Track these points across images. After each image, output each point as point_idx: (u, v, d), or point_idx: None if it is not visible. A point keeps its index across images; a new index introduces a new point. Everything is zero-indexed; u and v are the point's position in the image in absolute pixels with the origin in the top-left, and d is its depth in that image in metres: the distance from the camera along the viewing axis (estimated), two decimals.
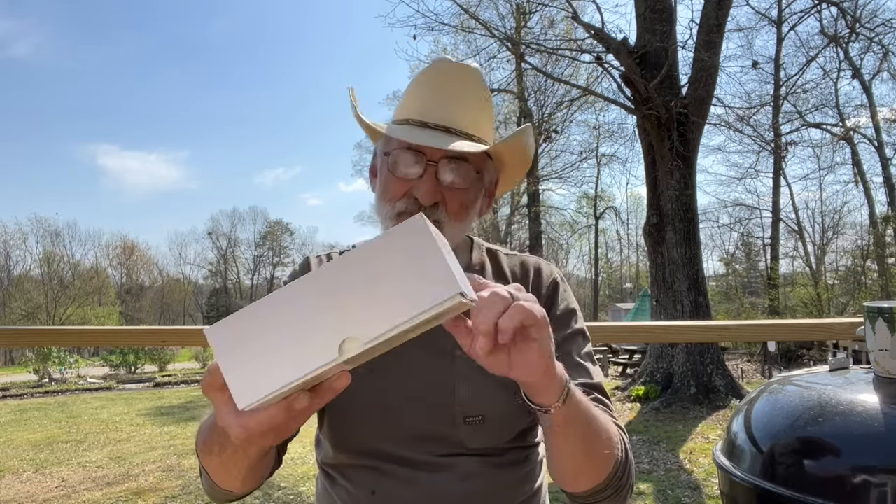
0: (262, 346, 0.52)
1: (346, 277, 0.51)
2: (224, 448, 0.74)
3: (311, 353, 0.51)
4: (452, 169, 0.92)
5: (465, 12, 12.37)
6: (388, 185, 0.94)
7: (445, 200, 0.92)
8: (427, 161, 0.91)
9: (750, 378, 13.41)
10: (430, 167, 0.91)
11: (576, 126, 23.64)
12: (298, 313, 0.51)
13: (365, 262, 0.52)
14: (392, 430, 0.93)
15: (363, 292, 0.51)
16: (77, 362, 19.69)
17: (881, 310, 0.97)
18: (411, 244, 0.52)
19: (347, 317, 0.51)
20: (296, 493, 5.82)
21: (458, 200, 0.93)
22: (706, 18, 10.37)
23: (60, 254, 40.73)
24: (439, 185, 0.92)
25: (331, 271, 0.52)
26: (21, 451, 8.53)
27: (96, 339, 2.15)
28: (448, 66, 0.95)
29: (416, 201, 0.91)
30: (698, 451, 7.11)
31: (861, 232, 23.97)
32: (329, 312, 0.51)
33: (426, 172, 0.91)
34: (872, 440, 0.84)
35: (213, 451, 0.77)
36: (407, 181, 0.92)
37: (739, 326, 2.02)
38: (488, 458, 0.94)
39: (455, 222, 0.94)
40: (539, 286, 1.02)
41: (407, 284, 0.50)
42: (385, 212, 0.95)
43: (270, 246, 50.25)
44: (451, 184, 0.92)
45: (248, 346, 0.52)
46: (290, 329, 0.51)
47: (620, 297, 38.55)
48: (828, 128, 22.13)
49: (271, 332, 0.52)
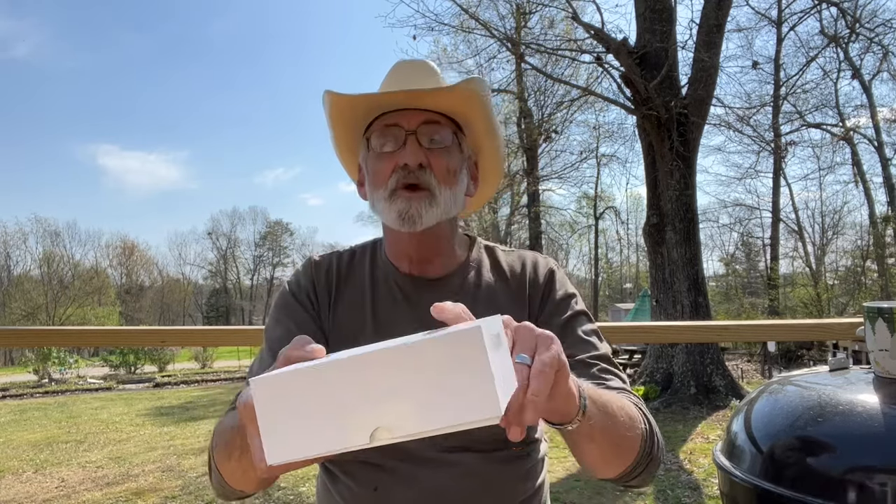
0: (300, 414, 0.53)
1: (393, 368, 0.52)
2: (245, 453, 0.75)
3: (344, 433, 0.53)
4: (431, 131, 0.96)
5: (465, 12, 12.37)
6: (376, 169, 0.97)
7: (431, 163, 0.95)
8: (406, 132, 0.95)
9: (750, 378, 13.41)
10: (410, 136, 0.95)
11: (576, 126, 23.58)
12: (339, 391, 0.53)
13: (415, 358, 0.52)
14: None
15: (408, 387, 0.52)
16: (77, 362, 19.70)
17: (881, 310, 0.97)
18: (463, 353, 0.51)
19: (386, 407, 0.52)
20: (296, 494, 5.82)
21: (444, 163, 0.96)
22: (706, 18, 10.37)
23: (60, 254, 40.77)
24: (422, 148, 0.95)
25: (382, 358, 0.53)
26: (21, 451, 8.53)
27: (96, 339, 2.15)
28: (404, 63, 1.03)
29: (405, 167, 0.94)
30: (698, 451, 7.11)
31: (861, 232, 24.03)
32: (369, 398, 0.52)
33: (407, 140, 0.95)
34: (872, 440, 0.84)
35: (233, 456, 0.78)
36: (392, 156, 0.95)
37: (739, 326, 2.02)
38: (490, 454, 0.94)
39: (445, 188, 0.96)
40: (536, 278, 1.04)
41: (451, 393, 0.51)
42: (380, 196, 0.97)
43: (270, 246, 50.27)
44: (433, 144, 0.96)
45: (287, 410, 0.54)
46: (328, 404, 0.53)
47: (620, 297, 38.57)
48: (828, 128, 22.13)
49: (311, 402, 0.53)
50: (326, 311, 1.02)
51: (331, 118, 1.02)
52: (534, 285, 1.04)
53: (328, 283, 1.04)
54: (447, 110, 0.99)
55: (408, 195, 0.94)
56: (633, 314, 20.98)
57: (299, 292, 1.03)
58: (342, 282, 1.05)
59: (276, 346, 0.95)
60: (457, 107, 0.99)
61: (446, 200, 0.96)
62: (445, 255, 1.03)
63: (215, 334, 1.93)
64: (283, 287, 1.07)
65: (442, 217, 0.97)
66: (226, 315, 47.00)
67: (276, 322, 1.01)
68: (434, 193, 0.94)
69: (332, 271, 1.05)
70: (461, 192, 1.00)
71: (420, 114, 0.96)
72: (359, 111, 0.99)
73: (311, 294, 1.02)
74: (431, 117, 0.97)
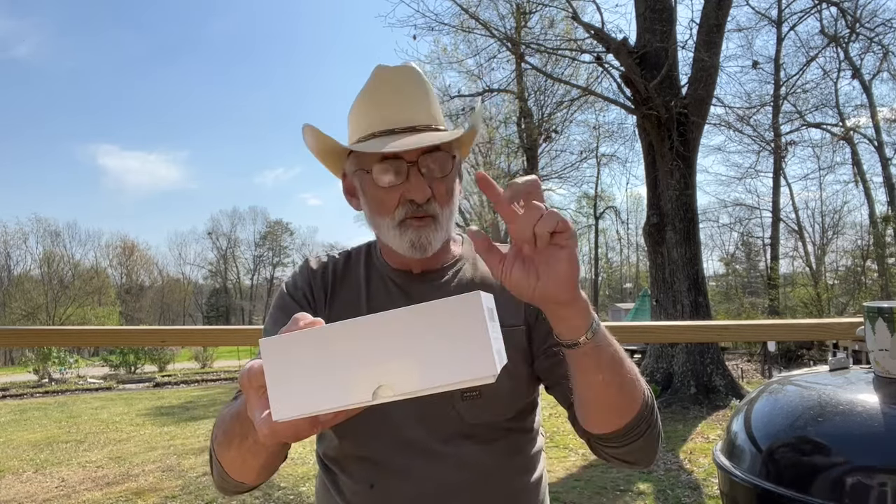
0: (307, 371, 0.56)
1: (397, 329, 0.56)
2: (245, 439, 0.77)
3: (348, 389, 0.56)
4: (432, 162, 0.96)
5: (465, 12, 12.36)
6: (379, 199, 0.97)
7: (434, 193, 0.96)
8: (407, 163, 0.94)
9: (750, 378, 13.41)
10: (412, 168, 0.94)
11: (576, 126, 23.57)
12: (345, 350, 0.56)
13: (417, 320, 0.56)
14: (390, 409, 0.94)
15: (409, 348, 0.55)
16: (77, 362, 19.70)
17: (881, 310, 0.97)
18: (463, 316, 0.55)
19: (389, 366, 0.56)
20: (296, 494, 5.82)
21: (444, 188, 0.98)
22: (706, 18, 10.36)
23: (60, 254, 40.77)
24: (425, 180, 0.95)
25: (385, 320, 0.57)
26: (21, 451, 8.53)
27: (96, 339, 2.15)
28: (390, 72, 0.99)
29: (412, 203, 0.95)
30: (698, 451, 7.11)
31: (861, 232, 24.01)
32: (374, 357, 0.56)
33: (410, 174, 0.94)
34: (872, 440, 0.84)
35: (233, 443, 0.79)
36: (396, 188, 0.95)
37: (739, 326, 2.02)
38: (486, 445, 0.95)
39: (445, 209, 0.98)
40: None
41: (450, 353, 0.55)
42: (386, 225, 0.97)
43: (270, 246, 50.27)
44: (433, 174, 0.96)
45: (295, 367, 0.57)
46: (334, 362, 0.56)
47: (620, 297, 38.57)
48: (828, 128, 22.13)
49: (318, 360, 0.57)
50: (323, 310, 1.03)
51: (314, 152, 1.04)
52: None
53: (324, 284, 1.06)
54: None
55: (417, 224, 0.96)
56: (633, 314, 20.98)
57: (296, 292, 1.05)
58: (338, 282, 1.07)
59: None
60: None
61: (447, 220, 0.99)
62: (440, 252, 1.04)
63: (215, 334, 1.93)
64: (281, 288, 1.09)
65: (445, 237, 1.00)
66: (226, 315, 47.01)
67: (273, 322, 1.02)
68: (438, 219, 0.97)
69: (328, 272, 1.07)
70: (456, 204, 1.03)
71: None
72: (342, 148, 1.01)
73: (308, 294, 1.05)
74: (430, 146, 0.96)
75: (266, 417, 0.61)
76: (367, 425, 0.95)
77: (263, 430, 0.61)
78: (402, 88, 0.98)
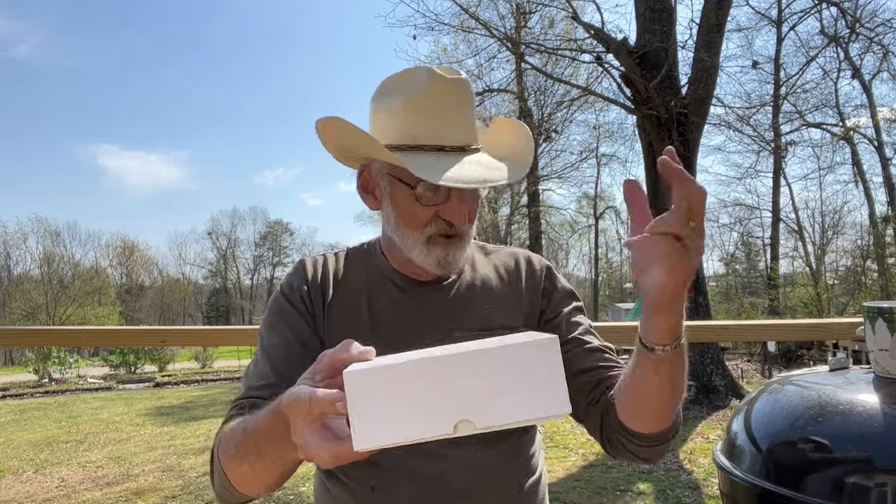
0: (390, 403, 0.59)
1: (480, 368, 0.59)
2: (262, 457, 0.76)
3: (430, 422, 0.59)
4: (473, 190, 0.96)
5: (465, 12, 12.35)
6: (412, 213, 0.94)
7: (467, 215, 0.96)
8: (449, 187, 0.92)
9: (750, 378, 13.41)
10: (454, 190, 0.92)
11: (576, 126, 23.60)
12: (428, 385, 0.59)
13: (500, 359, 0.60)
14: None
15: (491, 385, 0.59)
16: (77, 362, 19.70)
17: (881, 310, 0.97)
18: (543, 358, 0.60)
19: (470, 402, 0.59)
20: (296, 494, 5.82)
21: (475, 210, 0.98)
22: (706, 18, 10.36)
23: (60, 254, 40.76)
24: (465, 204, 0.94)
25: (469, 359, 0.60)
26: (21, 451, 8.53)
27: (96, 339, 2.15)
28: (445, 83, 0.92)
29: (446, 223, 0.94)
30: (698, 451, 7.11)
31: (861, 232, 24.01)
32: (456, 393, 0.59)
33: (451, 195, 0.93)
34: (872, 440, 0.84)
35: (248, 460, 0.78)
36: (433, 207, 0.94)
37: (739, 326, 2.02)
38: (487, 446, 0.95)
39: (470, 226, 0.99)
40: (532, 275, 1.07)
41: (530, 391, 0.59)
42: (413, 238, 0.95)
43: (270, 246, 50.27)
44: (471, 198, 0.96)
45: (379, 400, 0.59)
46: (417, 396, 0.59)
47: (620, 297, 38.56)
48: (828, 128, 22.13)
49: (402, 393, 0.59)
50: (321, 311, 1.01)
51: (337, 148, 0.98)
52: (531, 280, 1.06)
53: (323, 284, 1.03)
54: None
55: (445, 242, 0.95)
56: (634, 314, 20.98)
57: (292, 295, 1.01)
58: (337, 282, 1.04)
59: (273, 354, 0.95)
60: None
61: (470, 237, 1.00)
62: None
63: (215, 334, 1.93)
64: (276, 292, 1.05)
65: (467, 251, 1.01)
66: (226, 315, 47.00)
67: (271, 328, 0.99)
68: (465, 238, 0.98)
69: (328, 272, 1.04)
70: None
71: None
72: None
73: (305, 296, 1.01)
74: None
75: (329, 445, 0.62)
76: None
77: (324, 456, 0.63)
78: (454, 101, 0.92)
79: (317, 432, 0.63)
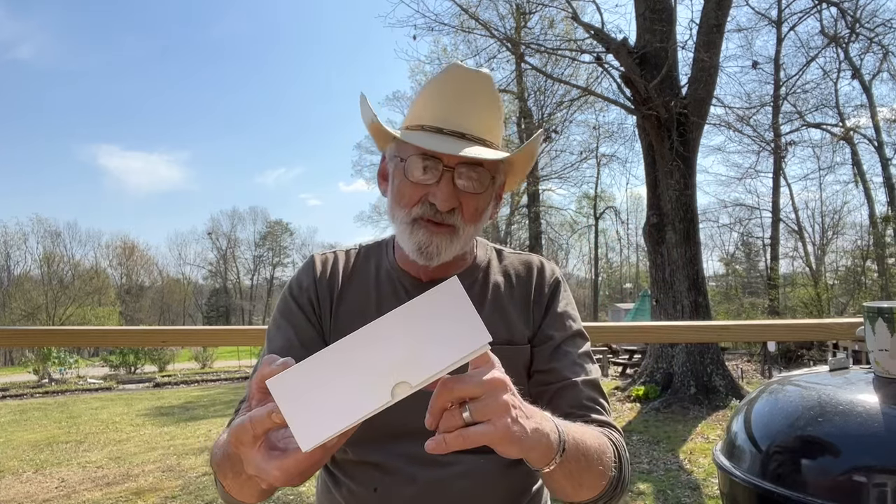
0: (321, 394, 0.58)
1: (393, 331, 0.59)
2: (238, 475, 0.76)
3: (366, 397, 0.58)
4: (469, 175, 0.92)
5: (465, 12, 12.36)
6: (403, 191, 0.94)
7: (462, 205, 0.93)
8: (444, 167, 0.91)
9: (750, 378, 13.40)
10: (447, 172, 0.91)
11: (576, 126, 23.62)
12: (352, 363, 0.59)
13: (409, 317, 0.60)
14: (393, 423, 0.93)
15: (411, 342, 0.59)
16: (77, 362, 19.69)
17: (881, 310, 0.97)
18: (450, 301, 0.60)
19: (398, 364, 0.58)
20: (296, 494, 5.82)
21: (474, 205, 0.94)
22: (706, 18, 10.37)
23: (60, 254, 40.74)
24: (455, 190, 0.92)
25: (379, 327, 0.60)
26: (21, 451, 8.53)
27: (96, 340, 2.15)
28: (462, 73, 0.94)
29: (433, 207, 0.92)
30: (698, 451, 7.11)
31: (861, 232, 23.98)
32: (380, 361, 0.59)
33: (442, 178, 0.91)
34: (872, 440, 0.84)
35: (229, 476, 0.79)
36: (423, 186, 0.92)
37: (739, 326, 2.02)
38: (490, 454, 0.94)
39: (468, 225, 0.95)
40: (542, 284, 1.05)
41: (447, 336, 0.59)
42: (401, 217, 0.94)
43: (270, 246, 50.22)
44: (467, 189, 0.93)
45: (308, 394, 0.58)
46: (345, 377, 0.58)
47: (620, 297, 38.55)
48: (828, 128, 22.13)
49: (329, 380, 0.58)
50: (328, 310, 1.00)
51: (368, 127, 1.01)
52: (538, 292, 1.04)
53: (331, 282, 1.02)
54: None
55: (431, 229, 0.92)
56: (633, 314, 20.98)
57: (300, 295, 1.01)
58: (346, 280, 1.03)
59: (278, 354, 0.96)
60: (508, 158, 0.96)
61: (468, 236, 0.96)
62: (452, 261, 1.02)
63: (215, 334, 1.93)
64: (284, 291, 1.05)
65: (460, 251, 0.97)
66: (226, 315, 46.98)
67: (277, 328, 1.00)
68: (458, 232, 0.94)
69: (338, 269, 1.04)
70: (483, 224, 0.99)
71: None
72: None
73: (313, 295, 1.01)
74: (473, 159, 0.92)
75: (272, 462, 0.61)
76: (371, 438, 0.94)
77: (273, 474, 0.61)
78: (467, 92, 0.93)
79: (264, 455, 0.62)
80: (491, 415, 0.62)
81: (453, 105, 0.93)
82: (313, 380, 0.58)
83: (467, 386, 0.62)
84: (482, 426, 0.62)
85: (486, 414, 0.62)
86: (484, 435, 0.62)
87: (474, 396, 0.62)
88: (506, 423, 0.63)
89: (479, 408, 0.62)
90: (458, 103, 0.93)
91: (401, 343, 0.59)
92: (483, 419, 0.62)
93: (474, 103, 0.93)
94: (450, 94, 0.93)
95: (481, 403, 0.62)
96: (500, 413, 0.63)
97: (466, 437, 0.61)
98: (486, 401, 0.63)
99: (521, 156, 0.99)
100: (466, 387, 0.62)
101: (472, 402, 0.62)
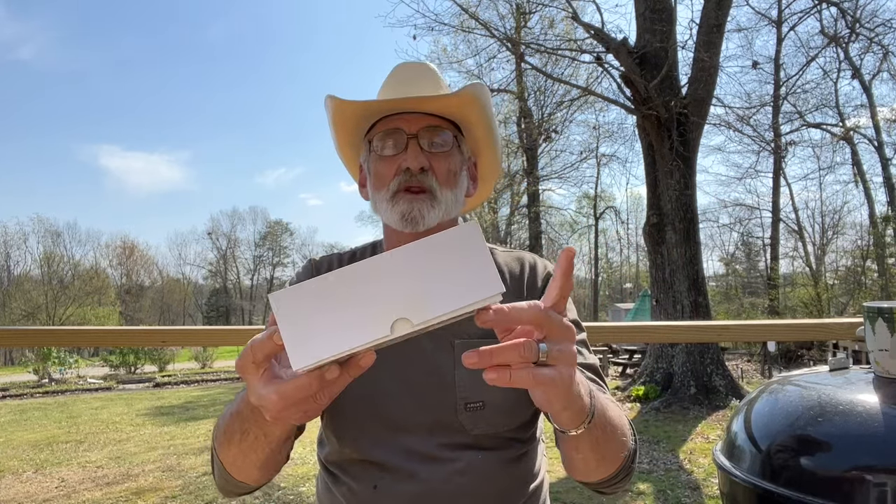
0: (321, 316, 0.57)
1: (405, 265, 0.57)
2: (246, 434, 0.77)
3: (365, 327, 0.56)
4: (431, 138, 0.99)
5: (465, 12, 12.36)
6: (379, 171, 1.00)
7: (432, 166, 0.98)
8: (407, 136, 0.97)
9: (750, 378, 13.41)
10: (412, 140, 0.97)
11: (576, 126, 23.60)
12: (357, 291, 0.57)
13: (423, 254, 0.58)
14: (394, 418, 0.94)
15: (419, 280, 0.57)
16: (77, 362, 19.67)
17: (881, 310, 0.97)
18: (466, 243, 0.58)
19: (402, 300, 0.56)
20: (296, 493, 5.82)
21: (445, 166, 0.99)
22: (706, 18, 10.37)
23: (60, 254, 40.74)
24: (424, 152, 0.97)
25: (390, 258, 0.58)
26: (21, 451, 8.53)
27: (96, 339, 2.15)
28: (406, 65, 1.06)
29: (407, 172, 0.96)
30: (698, 451, 7.11)
31: (861, 232, 23.99)
32: (385, 294, 0.57)
33: (409, 144, 0.97)
34: (872, 440, 0.84)
35: (234, 440, 0.79)
36: (394, 159, 0.98)
37: (739, 326, 2.02)
38: (490, 451, 0.95)
39: (446, 189, 0.99)
40: (534, 280, 1.06)
41: (459, 279, 0.57)
42: (382, 197, 0.99)
43: (270, 246, 50.23)
44: (434, 147, 0.98)
45: (308, 315, 0.57)
46: (347, 304, 0.57)
47: (620, 297, 38.56)
48: (828, 128, 22.13)
49: (330, 304, 0.57)
50: None
51: (334, 123, 1.04)
52: (531, 287, 1.05)
53: None
54: (448, 114, 1.01)
55: (410, 197, 0.96)
56: (633, 314, 20.98)
57: None
58: None
59: None
60: (457, 111, 1.01)
61: (447, 201, 0.99)
62: None
63: (215, 334, 1.92)
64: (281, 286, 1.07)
65: (443, 218, 0.99)
66: (226, 315, 46.98)
67: None
68: (436, 195, 0.97)
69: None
70: (462, 192, 1.03)
71: (421, 118, 0.99)
72: (360, 115, 1.02)
73: None
74: (432, 121, 0.99)
75: (271, 385, 0.61)
76: (370, 434, 0.95)
77: (271, 398, 0.61)
78: (413, 74, 1.04)
79: (265, 381, 0.62)
80: (564, 361, 0.60)
81: (402, 81, 1.03)
82: (314, 302, 0.57)
83: (555, 323, 0.59)
84: (550, 370, 0.58)
85: (559, 359, 0.59)
86: (551, 380, 0.58)
87: (557, 337, 0.59)
88: (571, 374, 0.61)
89: (557, 351, 0.59)
90: (403, 84, 1.02)
91: (409, 279, 0.57)
92: (554, 363, 0.59)
93: (418, 81, 1.03)
94: (393, 82, 1.04)
95: (561, 346, 0.59)
96: (571, 362, 0.61)
97: (535, 377, 0.57)
98: (564, 345, 0.60)
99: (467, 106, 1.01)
100: (554, 324, 0.59)
101: (550, 341, 0.59)
